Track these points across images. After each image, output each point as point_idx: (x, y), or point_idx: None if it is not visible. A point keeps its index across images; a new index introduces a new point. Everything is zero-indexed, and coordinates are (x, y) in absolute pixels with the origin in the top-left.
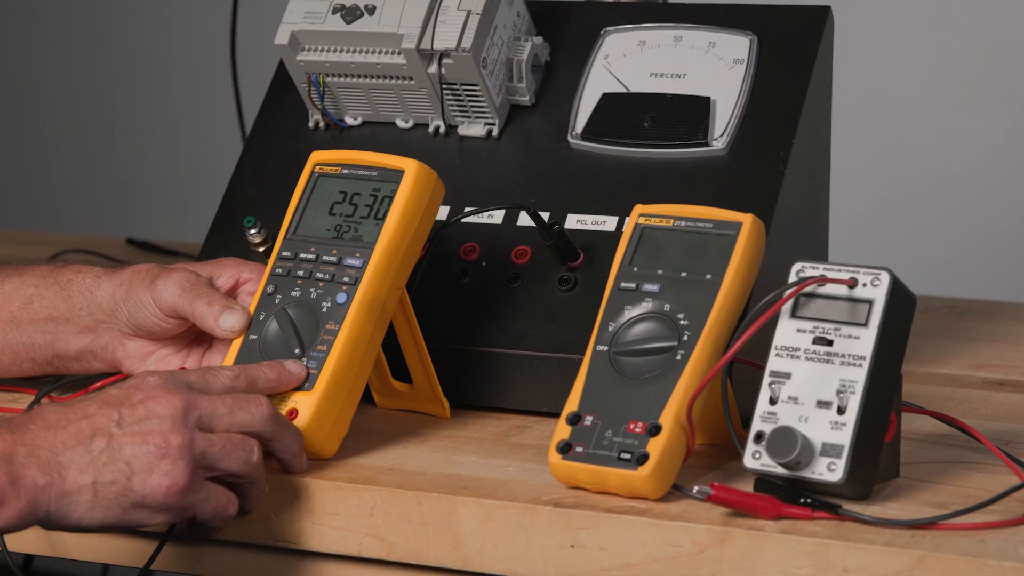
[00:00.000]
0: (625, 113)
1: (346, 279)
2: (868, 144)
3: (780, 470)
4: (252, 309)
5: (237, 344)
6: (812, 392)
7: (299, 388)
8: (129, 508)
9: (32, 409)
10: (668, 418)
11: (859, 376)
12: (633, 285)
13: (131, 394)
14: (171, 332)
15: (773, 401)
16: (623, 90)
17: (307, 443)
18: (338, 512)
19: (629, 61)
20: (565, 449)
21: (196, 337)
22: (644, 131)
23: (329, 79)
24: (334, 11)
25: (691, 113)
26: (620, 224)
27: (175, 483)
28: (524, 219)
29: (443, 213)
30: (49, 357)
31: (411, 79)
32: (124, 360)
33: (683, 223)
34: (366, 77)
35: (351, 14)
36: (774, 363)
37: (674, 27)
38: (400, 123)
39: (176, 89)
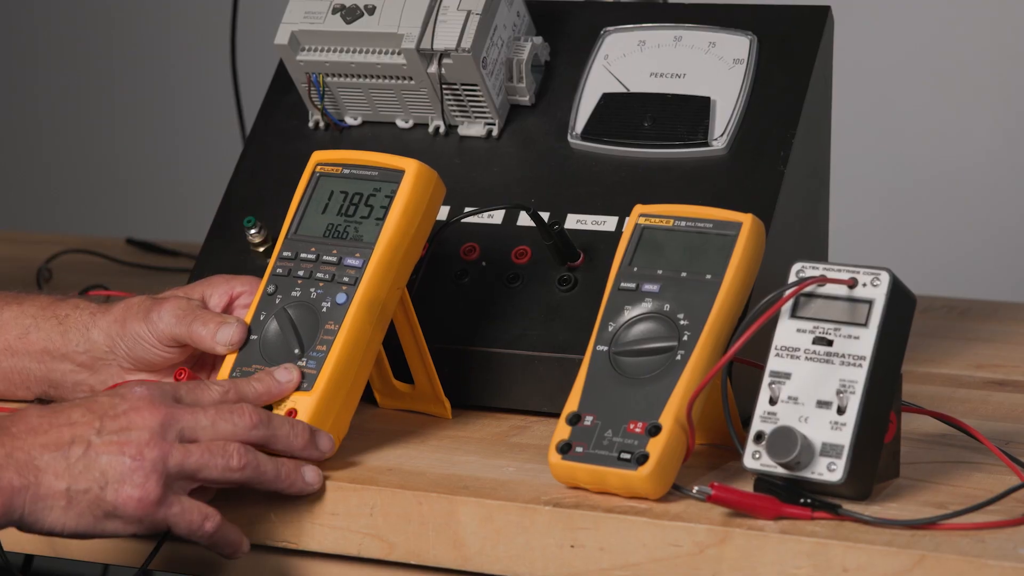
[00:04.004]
0: (625, 113)
1: (346, 279)
2: (868, 144)
3: (780, 470)
4: (252, 310)
5: None
6: (812, 392)
7: (299, 388)
8: (101, 518)
9: (16, 411)
10: (668, 418)
11: (859, 376)
12: (633, 285)
13: (116, 403)
14: (172, 361)
15: (773, 401)
16: (623, 90)
17: None
18: (338, 512)
19: (629, 61)
20: (565, 449)
21: (197, 362)
22: (644, 131)
23: (329, 79)
24: (334, 11)
25: (691, 113)
26: (620, 224)
27: (146, 496)
28: (524, 219)
29: (443, 213)
30: (44, 386)
31: (411, 79)
32: None
33: (683, 223)
34: (366, 77)
35: (351, 14)
36: (774, 363)
37: (674, 27)
38: (400, 123)
39: (176, 89)
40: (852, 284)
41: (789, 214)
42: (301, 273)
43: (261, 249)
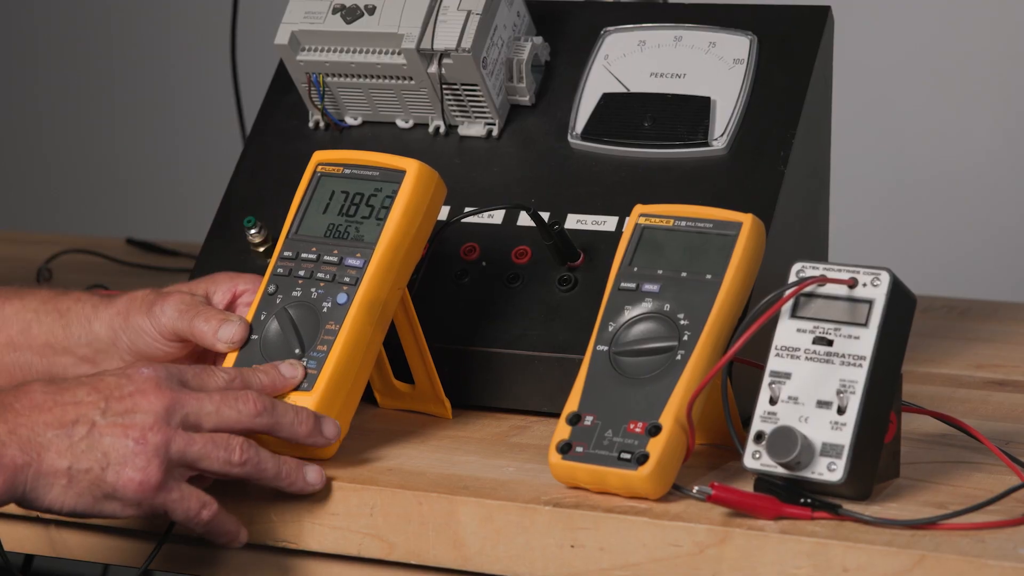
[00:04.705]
0: (625, 113)
1: (347, 279)
2: (868, 144)
3: (780, 470)
4: (253, 310)
5: None
6: (812, 392)
7: (299, 388)
8: (101, 498)
9: (20, 386)
10: (668, 418)
11: (859, 376)
12: (633, 285)
13: (122, 384)
14: (173, 356)
15: (773, 401)
16: (623, 90)
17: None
18: (338, 512)
19: (629, 61)
20: (565, 449)
21: (198, 360)
22: (644, 131)
23: (329, 79)
24: (334, 11)
25: (691, 113)
26: (620, 224)
27: (147, 480)
28: (524, 219)
29: (443, 213)
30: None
31: (411, 79)
32: None
33: (683, 223)
34: (366, 77)
35: (351, 14)
36: (774, 363)
37: (674, 27)
38: (400, 123)
39: (176, 89)
40: (852, 284)
41: (789, 214)
42: (302, 273)
43: (261, 249)
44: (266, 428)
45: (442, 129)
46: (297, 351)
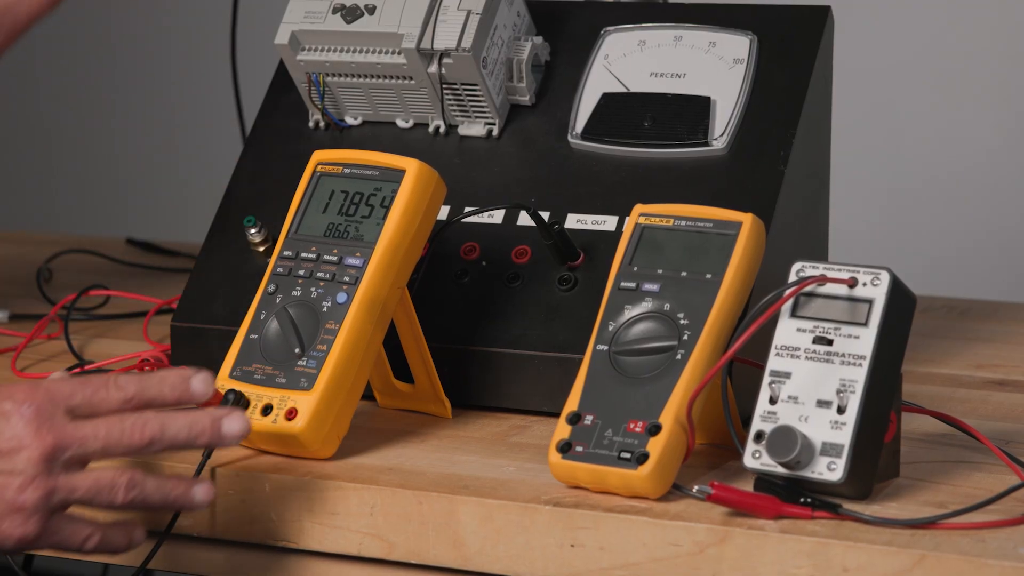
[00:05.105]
0: (625, 113)
1: (347, 278)
2: (868, 144)
3: (780, 469)
4: (253, 309)
5: (238, 344)
6: (812, 391)
7: (299, 387)
8: None
9: None
10: (668, 417)
11: (859, 376)
12: (633, 285)
13: (1, 429)
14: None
15: (773, 400)
16: (623, 90)
17: (307, 443)
18: (338, 512)
19: (629, 61)
20: (565, 449)
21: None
22: (644, 131)
23: (329, 79)
24: (334, 11)
25: (691, 113)
26: (620, 224)
27: (26, 535)
28: (524, 219)
29: (443, 213)
30: None
31: (411, 79)
32: None
33: (683, 223)
34: (366, 77)
35: (351, 14)
36: (774, 363)
37: (674, 27)
38: (400, 123)
39: (176, 89)
40: (852, 284)
41: (789, 214)
42: (302, 272)
43: (261, 249)
44: (160, 452)
45: (442, 129)
46: (297, 351)
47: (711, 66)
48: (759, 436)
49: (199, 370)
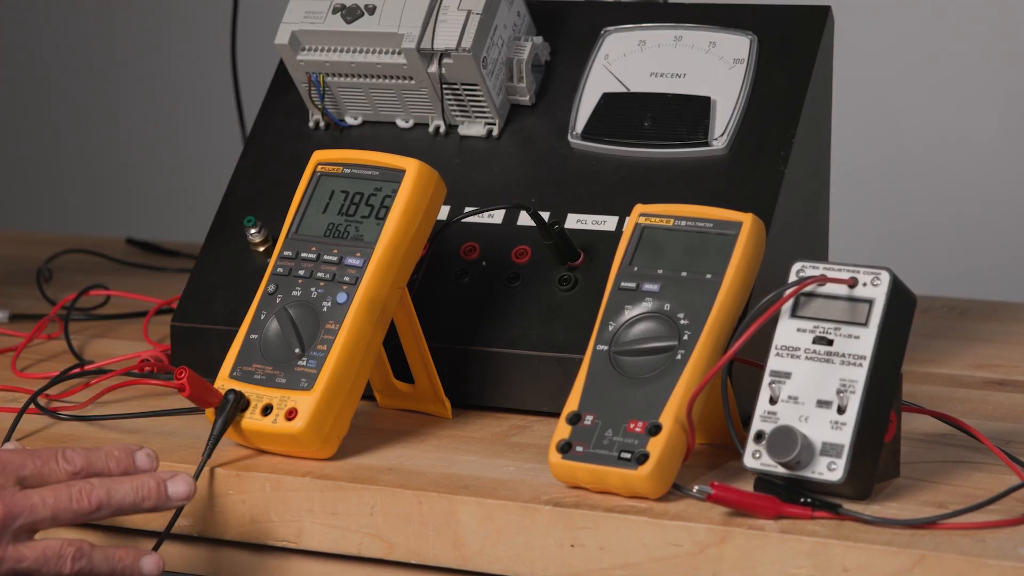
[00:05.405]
0: (625, 113)
1: (347, 279)
2: (868, 144)
3: (780, 470)
4: (253, 309)
5: (238, 344)
6: (812, 392)
7: (299, 387)
8: None
9: None
10: (668, 417)
11: (859, 376)
12: (633, 285)
13: None
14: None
15: (773, 401)
16: (623, 90)
17: (307, 443)
18: (338, 512)
19: (629, 61)
20: (565, 449)
21: None
22: (644, 131)
23: (329, 79)
24: (334, 11)
25: (691, 113)
26: (620, 224)
27: None
28: (524, 219)
29: (443, 213)
30: None
31: (411, 79)
32: None
33: (683, 223)
34: (366, 77)
35: (351, 14)
36: (774, 363)
37: (674, 27)
38: (400, 123)
39: (176, 89)
40: (852, 284)
41: (789, 214)
42: (302, 272)
43: (261, 249)
44: (108, 517)
45: (442, 129)
46: (297, 351)
47: (711, 66)
48: (759, 436)
49: (141, 447)
